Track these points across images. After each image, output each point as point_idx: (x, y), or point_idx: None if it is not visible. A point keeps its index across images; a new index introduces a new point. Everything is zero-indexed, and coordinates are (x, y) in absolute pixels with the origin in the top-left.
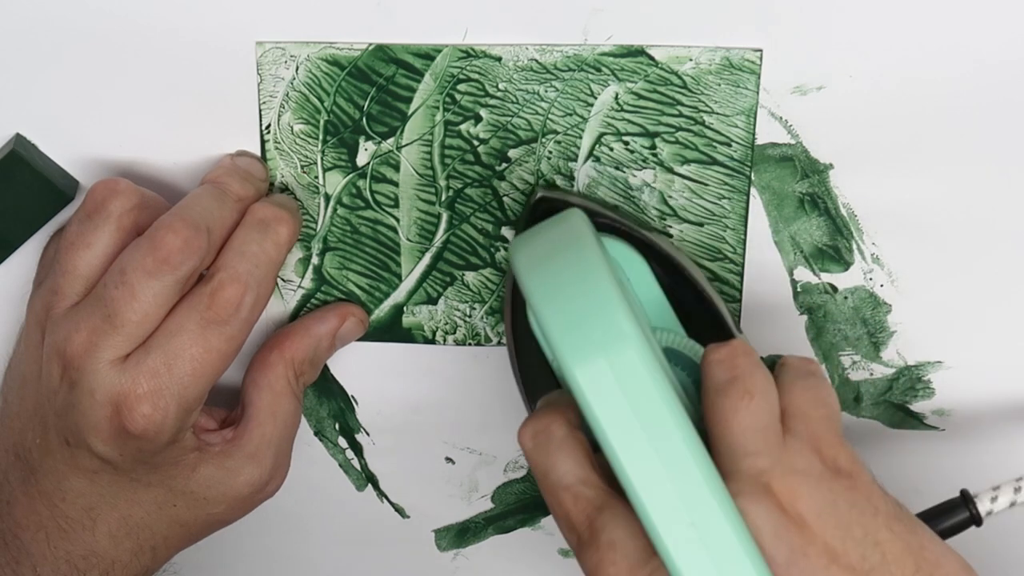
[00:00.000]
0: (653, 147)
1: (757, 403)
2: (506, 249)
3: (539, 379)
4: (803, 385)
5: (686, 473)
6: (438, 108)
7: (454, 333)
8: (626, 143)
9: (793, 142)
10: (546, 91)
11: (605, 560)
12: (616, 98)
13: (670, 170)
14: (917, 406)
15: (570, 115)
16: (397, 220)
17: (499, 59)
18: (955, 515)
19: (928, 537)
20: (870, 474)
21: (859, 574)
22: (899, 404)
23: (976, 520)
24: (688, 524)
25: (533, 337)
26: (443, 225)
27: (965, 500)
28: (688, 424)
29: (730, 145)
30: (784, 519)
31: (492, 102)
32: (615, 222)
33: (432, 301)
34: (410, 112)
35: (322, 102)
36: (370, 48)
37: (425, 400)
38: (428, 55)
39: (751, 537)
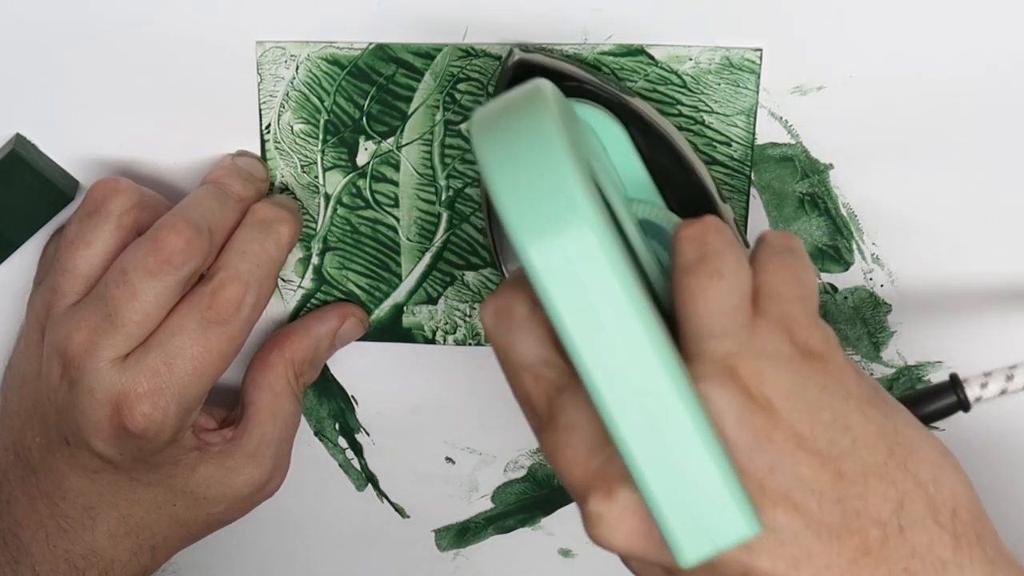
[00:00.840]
0: None
1: (727, 283)
2: None
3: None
4: (779, 262)
5: (640, 356)
6: (438, 107)
7: (454, 333)
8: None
9: (793, 142)
10: None
11: (562, 442)
12: None
13: None
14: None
15: None
16: (397, 220)
17: (499, 58)
18: (942, 399)
19: (904, 421)
20: (844, 355)
21: (827, 458)
22: None
23: (964, 405)
24: (640, 410)
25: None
26: (443, 225)
27: (954, 384)
28: (645, 306)
29: (730, 145)
30: (749, 403)
31: None
32: (594, 86)
33: (432, 301)
34: (410, 111)
35: (322, 102)
36: (370, 47)
37: (425, 400)
38: (428, 54)
39: (709, 422)
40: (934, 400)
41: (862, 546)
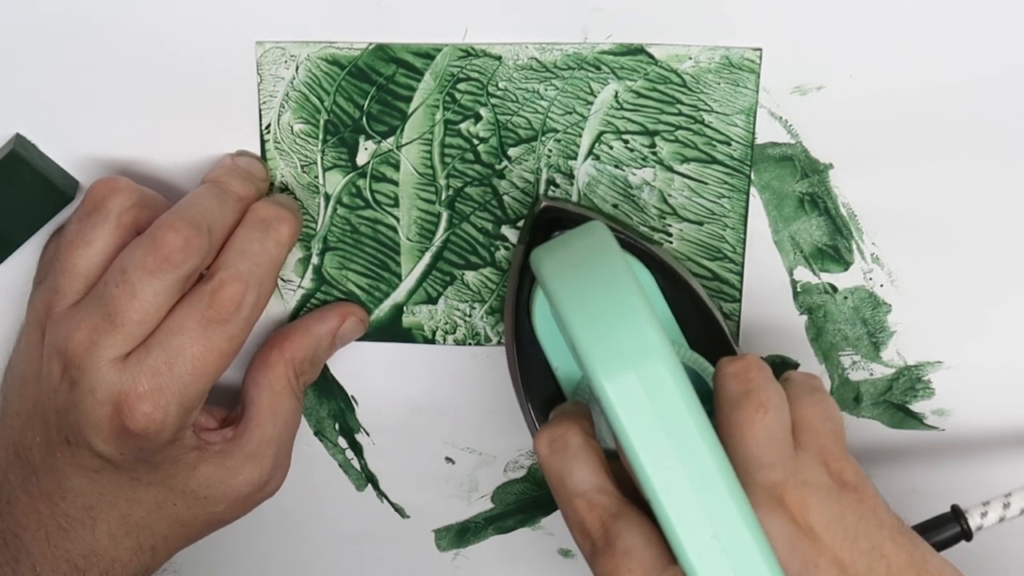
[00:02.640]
0: (653, 146)
1: (771, 416)
2: (506, 248)
3: (539, 383)
4: (811, 400)
5: (711, 485)
6: (438, 107)
7: (454, 333)
8: (626, 141)
9: (793, 142)
10: (546, 90)
11: (621, 567)
12: (616, 96)
13: (670, 169)
14: (917, 406)
15: (570, 113)
16: (397, 219)
17: (499, 58)
18: (946, 530)
19: (929, 551)
20: (874, 487)
21: None
22: (899, 404)
23: (967, 535)
24: (711, 536)
25: (535, 341)
26: (443, 224)
27: (956, 515)
28: (714, 436)
29: (730, 144)
30: (797, 531)
31: (492, 101)
32: (620, 233)
33: (432, 301)
34: (410, 111)
35: (322, 101)
36: (370, 48)
37: (425, 400)
38: (428, 54)
39: (771, 549)
40: (939, 531)
41: None
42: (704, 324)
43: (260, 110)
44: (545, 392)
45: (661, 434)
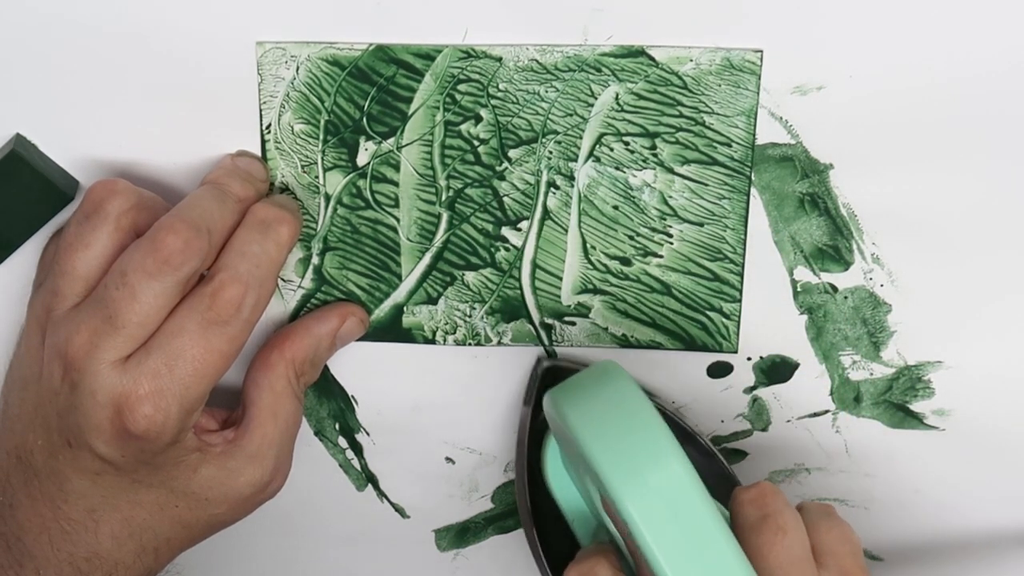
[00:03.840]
0: (653, 147)
1: (791, 538)
2: (506, 249)
3: (554, 538)
4: (827, 524)
5: None
6: (438, 108)
7: (454, 333)
8: (626, 143)
9: (793, 142)
10: (546, 91)
11: None
12: (616, 98)
13: (670, 170)
14: (917, 406)
15: (570, 115)
16: (397, 220)
17: (499, 59)
18: None
19: None
20: None
21: None
22: (899, 404)
23: None
24: None
25: (551, 501)
26: (443, 225)
27: None
28: (745, 560)
29: (730, 145)
30: None
31: (493, 102)
32: None
33: (432, 301)
34: (410, 112)
35: (322, 102)
36: (370, 48)
37: (425, 400)
38: (428, 55)
39: None
40: None
41: None
42: (704, 463)
43: (260, 110)
44: (559, 545)
45: (691, 550)
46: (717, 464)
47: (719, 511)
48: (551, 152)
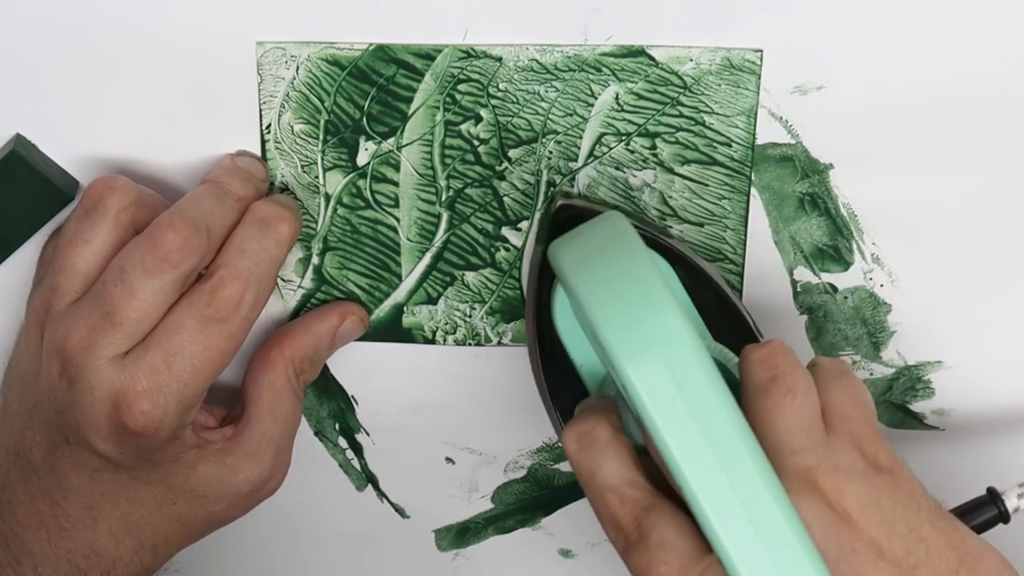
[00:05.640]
0: (653, 147)
1: (800, 401)
2: (507, 249)
3: (563, 383)
4: (840, 385)
5: (744, 472)
6: (438, 108)
7: (454, 333)
8: (626, 143)
9: (793, 142)
10: (546, 91)
11: (656, 560)
12: (616, 98)
13: (670, 170)
14: (917, 406)
15: (570, 115)
16: (397, 220)
17: (499, 59)
18: (983, 512)
19: (968, 532)
20: (909, 470)
21: (905, 568)
22: (899, 404)
23: (1004, 517)
24: (746, 521)
25: (558, 341)
26: (443, 225)
27: (992, 497)
28: (744, 423)
29: (730, 145)
30: (832, 515)
31: (492, 102)
32: (638, 228)
33: (432, 301)
34: (410, 112)
35: (322, 102)
36: (370, 48)
37: (425, 400)
38: (428, 55)
39: (808, 534)
40: (976, 514)
41: None
42: (726, 315)
43: (260, 110)
44: (570, 391)
45: (690, 421)
46: (737, 316)
47: (725, 384)
48: (551, 152)
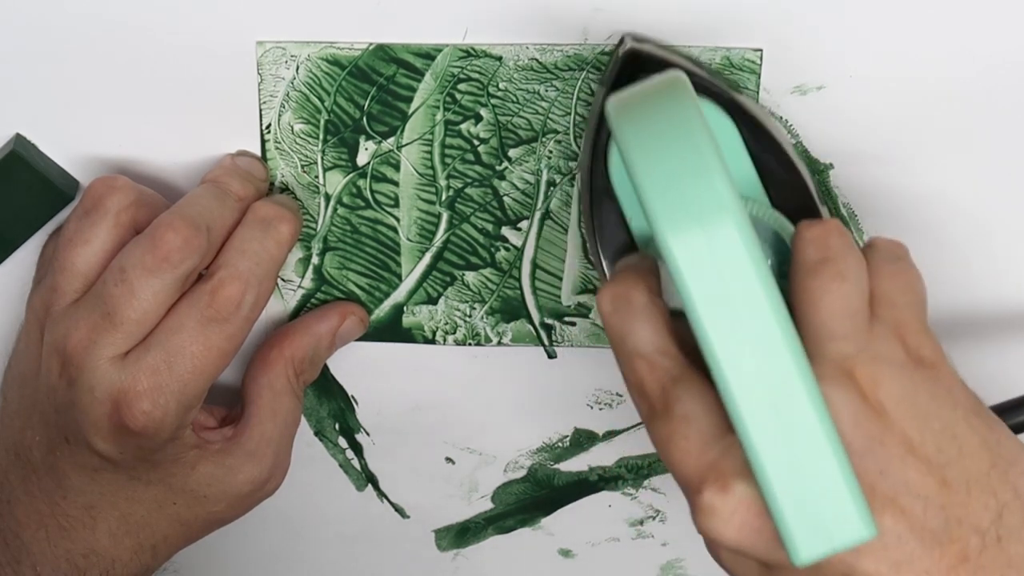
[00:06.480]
0: None
1: (849, 286)
2: (507, 249)
3: (613, 235)
4: (892, 269)
5: (774, 352)
6: (438, 108)
7: (454, 333)
8: None
9: (793, 142)
10: (546, 91)
11: (677, 433)
12: None
13: None
14: None
15: (570, 115)
16: (397, 220)
17: (499, 59)
18: None
19: (1006, 434)
20: (952, 366)
21: (934, 466)
22: None
23: None
24: (770, 405)
25: (611, 196)
26: (443, 225)
27: None
28: (782, 305)
29: None
30: (864, 406)
31: (493, 102)
32: (706, 82)
33: (432, 301)
34: (410, 112)
35: (322, 102)
36: (370, 48)
37: (425, 400)
38: (428, 55)
39: (833, 424)
40: (1018, 412)
41: (961, 554)
42: (790, 182)
43: (260, 110)
44: (619, 244)
45: (725, 297)
46: (800, 184)
47: (766, 261)
48: (551, 151)
